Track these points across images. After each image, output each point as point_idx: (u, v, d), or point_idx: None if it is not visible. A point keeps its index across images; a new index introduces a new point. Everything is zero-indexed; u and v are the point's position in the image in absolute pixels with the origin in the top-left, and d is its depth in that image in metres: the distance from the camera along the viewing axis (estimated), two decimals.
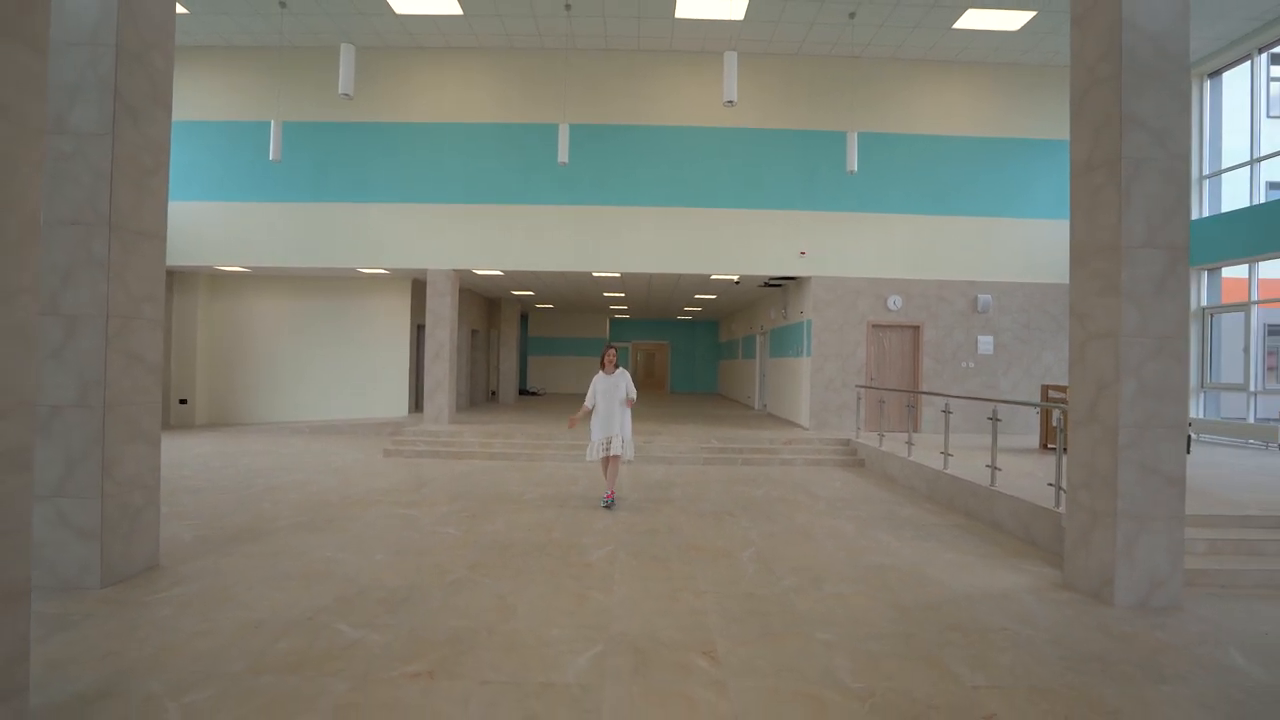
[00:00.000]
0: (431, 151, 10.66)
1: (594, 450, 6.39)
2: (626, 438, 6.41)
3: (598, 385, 6.35)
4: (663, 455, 8.96)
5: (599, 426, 6.30)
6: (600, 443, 6.33)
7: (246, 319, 12.76)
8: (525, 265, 10.68)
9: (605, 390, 6.34)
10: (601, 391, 6.32)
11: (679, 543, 4.96)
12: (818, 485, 7.49)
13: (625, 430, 6.42)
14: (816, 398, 10.54)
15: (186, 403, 12.38)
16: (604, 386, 6.35)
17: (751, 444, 9.45)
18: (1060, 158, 10.69)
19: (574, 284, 13.49)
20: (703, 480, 7.68)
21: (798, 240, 10.58)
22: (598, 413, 6.36)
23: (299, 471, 7.71)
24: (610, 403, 6.33)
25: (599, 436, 6.31)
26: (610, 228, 10.57)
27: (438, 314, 10.66)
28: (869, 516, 5.93)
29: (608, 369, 6.37)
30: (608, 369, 6.37)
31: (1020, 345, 10.71)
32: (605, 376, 6.36)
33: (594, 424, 6.36)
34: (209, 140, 10.81)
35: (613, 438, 6.33)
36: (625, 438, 6.39)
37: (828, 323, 10.61)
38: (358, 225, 10.67)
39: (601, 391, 6.32)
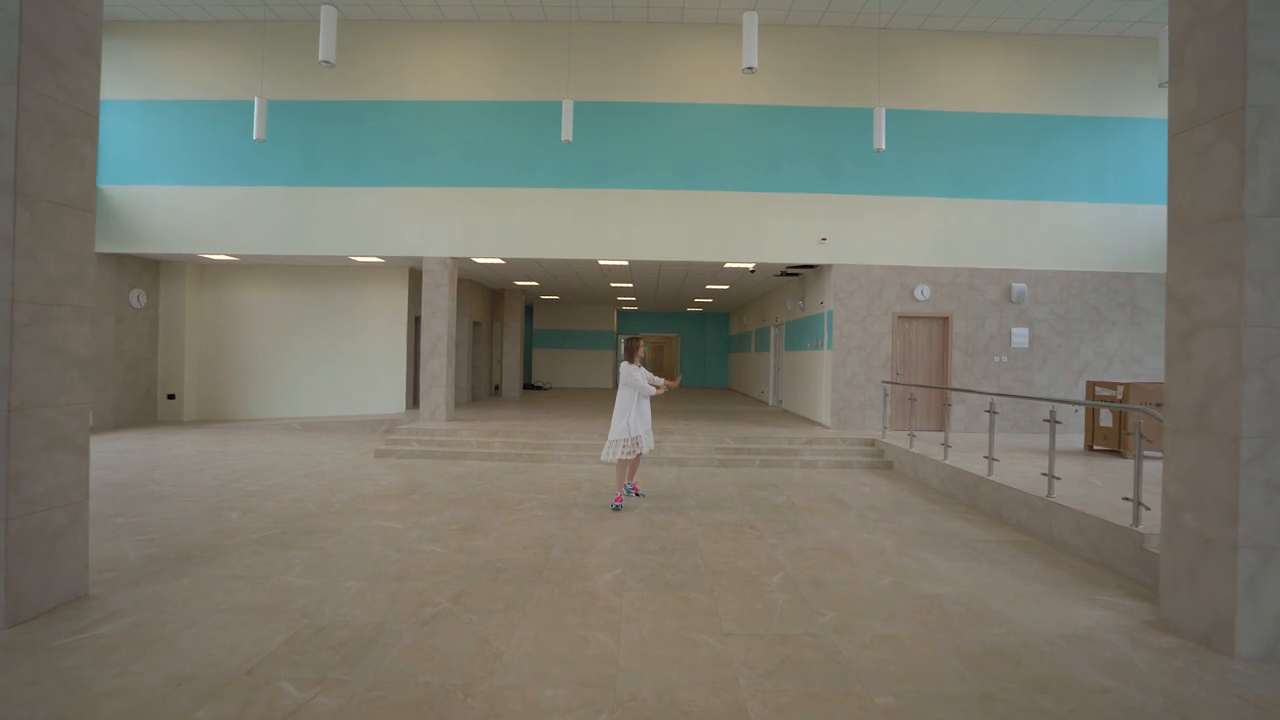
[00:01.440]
0: (427, 132, 10.01)
1: (618, 450, 5.83)
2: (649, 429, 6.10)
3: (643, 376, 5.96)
4: (675, 456, 8.32)
5: (636, 421, 5.86)
6: (629, 441, 5.84)
7: (237, 310, 12.20)
8: (527, 253, 10.04)
9: (644, 386, 5.96)
10: (641, 386, 5.95)
11: (696, 564, 4.32)
12: (845, 491, 6.83)
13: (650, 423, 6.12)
14: (838, 394, 9.85)
15: (174, 398, 11.85)
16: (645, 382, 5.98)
17: (769, 444, 8.79)
18: (1101, 135, 9.92)
19: (579, 274, 12.84)
20: (718, 485, 7.04)
21: (818, 226, 9.87)
22: (629, 410, 5.89)
23: (281, 474, 7.13)
24: (645, 398, 5.97)
25: (632, 434, 5.84)
26: (617, 213, 9.90)
27: (435, 305, 10.04)
28: (908, 530, 5.27)
29: (635, 362, 6.01)
30: (635, 362, 6.01)
31: (1057, 338, 9.97)
32: (636, 367, 5.96)
33: (628, 421, 5.85)
34: (192, 121, 10.21)
35: (643, 435, 5.94)
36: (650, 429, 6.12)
37: (850, 314, 9.91)
38: (349, 210, 10.05)
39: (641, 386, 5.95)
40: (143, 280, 11.46)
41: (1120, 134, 9.92)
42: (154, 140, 10.33)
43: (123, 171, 10.35)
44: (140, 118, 10.36)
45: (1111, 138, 9.92)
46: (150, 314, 11.66)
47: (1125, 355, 9.94)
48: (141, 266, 11.41)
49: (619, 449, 5.89)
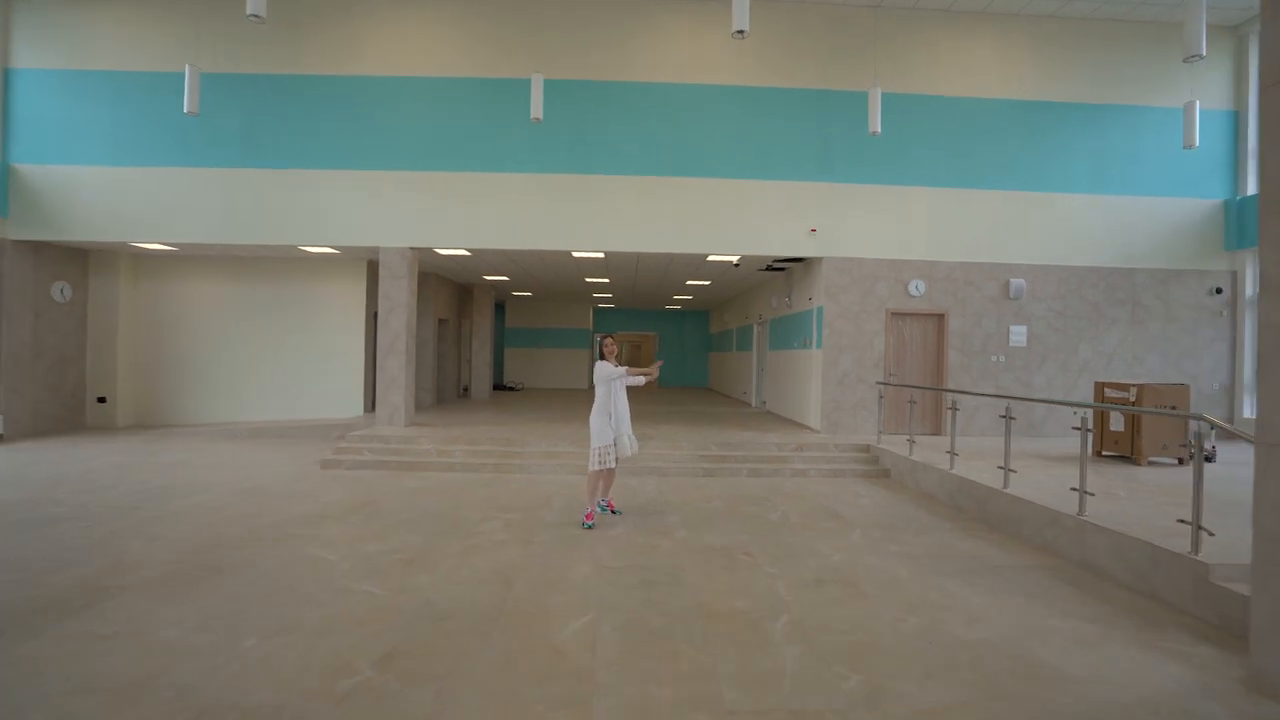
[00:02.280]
0: (385, 110, 9.15)
1: (603, 458, 5.25)
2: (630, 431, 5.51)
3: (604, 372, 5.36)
4: (656, 465, 7.62)
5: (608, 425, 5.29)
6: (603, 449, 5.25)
7: (176, 306, 11.17)
8: (494, 243, 9.24)
9: (620, 384, 5.42)
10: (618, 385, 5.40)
11: (684, 603, 3.61)
12: (843, 504, 6.19)
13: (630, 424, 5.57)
14: (829, 395, 9.25)
15: (105, 401, 10.79)
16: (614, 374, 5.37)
17: (757, 450, 8.14)
18: (1102, 124, 9.47)
19: (552, 267, 12.07)
20: (704, 498, 6.36)
21: (808, 216, 9.25)
22: (603, 411, 5.29)
23: (207, 491, 6.25)
24: (621, 397, 5.43)
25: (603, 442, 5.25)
26: (592, 200, 9.16)
27: (392, 299, 9.19)
28: (921, 553, 4.64)
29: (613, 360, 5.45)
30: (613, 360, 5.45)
31: (1056, 336, 9.50)
32: (614, 365, 5.40)
33: (607, 423, 5.29)
34: (121, 94, 9.20)
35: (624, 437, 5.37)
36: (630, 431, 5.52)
37: (842, 310, 9.31)
38: (298, 196, 9.14)
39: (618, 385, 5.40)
40: (68, 272, 10.38)
41: (1122, 122, 9.48)
42: (78, 115, 9.29)
43: (41, 149, 9.30)
44: (62, 90, 9.31)
45: (1113, 126, 9.47)
46: (78, 309, 10.58)
47: (1126, 354, 9.51)
48: (66, 256, 10.33)
49: (596, 458, 5.21)
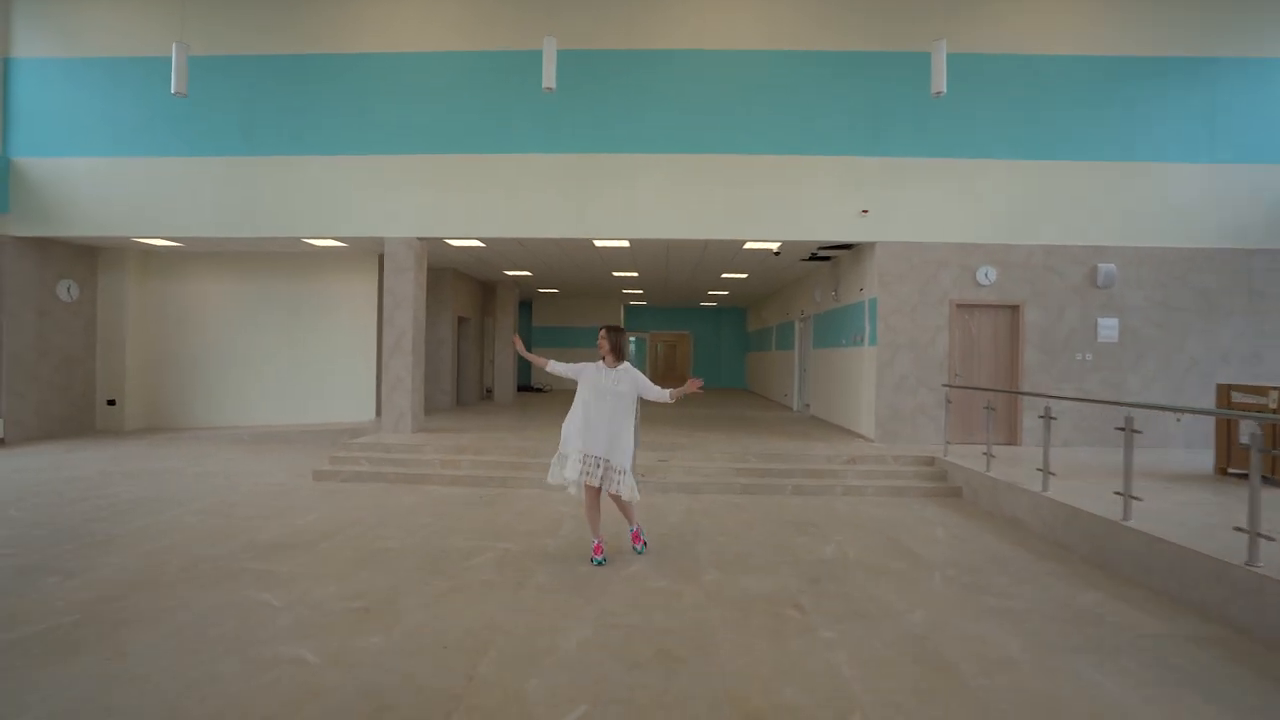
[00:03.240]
0: (388, 90, 8.40)
1: (562, 470, 4.24)
2: (623, 461, 4.19)
3: (587, 375, 4.28)
4: (685, 480, 6.63)
5: (575, 434, 4.22)
6: (574, 460, 4.18)
7: (185, 305, 10.70)
8: (507, 231, 8.39)
9: (598, 391, 4.22)
10: (593, 390, 4.22)
11: (714, 691, 2.62)
12: (911, 533, 5.09)
13: (624, 455, 4.17)
14: (884, 400, 8.09)
15: (115, 403, 10.37)
16: (597, 384, 4.22)
17: (802, 463, 7.07)
18: (1211, 80, 8.06)
19: (575, 260, 11.19)
20: (741, 523, 5.34)
21: (858, 196, 8.12)
22: (575, 417, 4.25)
23: (179, 506, 5.54)
24: (602, 410, 4.19)
25: (573, 448, 4.20)
26: (614, 182, 8.22)
27: (398, 294, 8.43)
28: (1030, 611, 3.53)
29: (608, 361, 4.28)
30: (608, 361, 4.28)
31: (1155, 330, 8.12)
32: (604, 370, 4.26)
33: (568, 428, 4.28)
34: (116, 82, 8.70)
35: (601, 462, 4.17)
36: (622, 462, 4.18)
37: (899, 302, 8.15)
38: (299, 184, 8.47)
39: (593, 390, 4.22)
40: (75, 270, 9.99)
41: (1234, 77, 8.05)
42: (75, 105, 8.83)
43: (40, 142, 8.88)
44: (61, 78, 8.87)
45: (1223, 82, 8.05)
46: (87, 308, 10.19)
47: (1244, 351, 8.07)
48: (74, 254, 9.93)
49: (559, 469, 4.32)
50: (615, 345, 4.27)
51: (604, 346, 4.28)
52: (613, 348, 4.27)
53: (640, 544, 4.46)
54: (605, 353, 4.27)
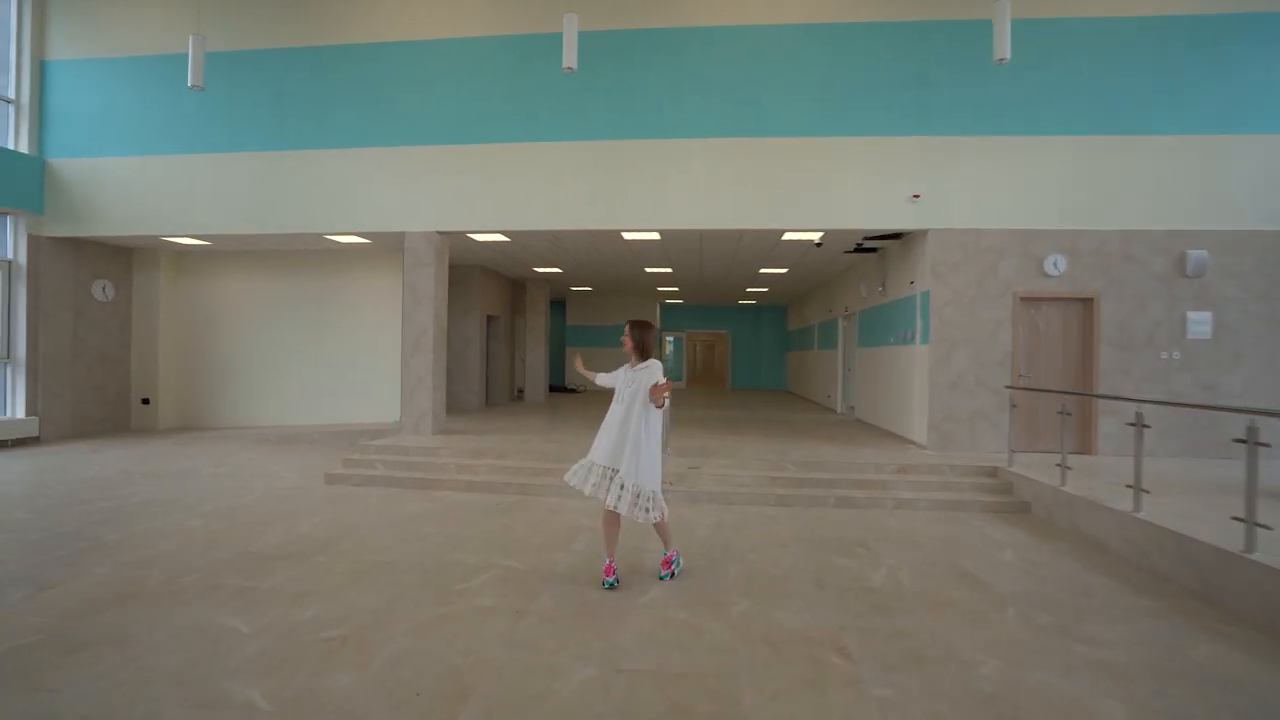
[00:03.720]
0: (407, 79, 8.12)
1: (581, 475, 3.78)
2: (643, 482, 3.64)
3: (618, 380, 3.86)
4: (716, 490, 6.08)
5: (599, 442, 3.78)
6: (594, 470, 3.73)
7: (216, 304, 10.70)
8: (530, 224, 7.99)
9: (618, 393, 3.80)
10: (616, 393, 3.81)
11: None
12: (974, 557, 4.43)
13: (641, 468, 3.65)
14: (938, 402, 7.37)
15: (149, 402, 10.44)
16: (620, 387, 3.82)
17: (846, 471, 6.43)
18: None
19: (605, 256, 10.75)
20: (777, 540, 4.77)
21: (907, 179, 7.42)
22: (607, 421, 3.78)
23: (179, 511, 5.30)
24: (615, 414, 3.74)
25: (597, 459, 3.75)
26: (643, 170, 7.73)
27: (418, 290, 8.13)
28: (1136, 666, 2.87)
29: (633, 360, 3.82)
30: (633, 360, 3.82)
31: (1257, 326, 7.16)
32: (630, 370, 3.81)
33: (599, 434, 3.81)
34: (142, 80, 8.66)
35: (609, 473, 3.69)
36: (639, 482, 3.64)
37: (954, 294, 7.41)
38: (319, 178, 8.27)
39: (616, 393, 3.81)
40: (111, 270, 10.07)
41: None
42: (105, 105, 8.85)
43: (73, 143, 8.93)
44: (92, 78, 8.91)
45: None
46: (122, 308, 10.27)
47: None
48: (110, 254, 10.02)
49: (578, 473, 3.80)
50: (639, 342, 3.77)
51: (627, 344, 3.80)
52: (635, 345, 3.77)
53: (667, 571, 3.91)
54: (628, 350, 3.80)
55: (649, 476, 3.64)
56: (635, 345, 3.77)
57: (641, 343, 3.78)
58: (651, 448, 3.67)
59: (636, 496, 3.61)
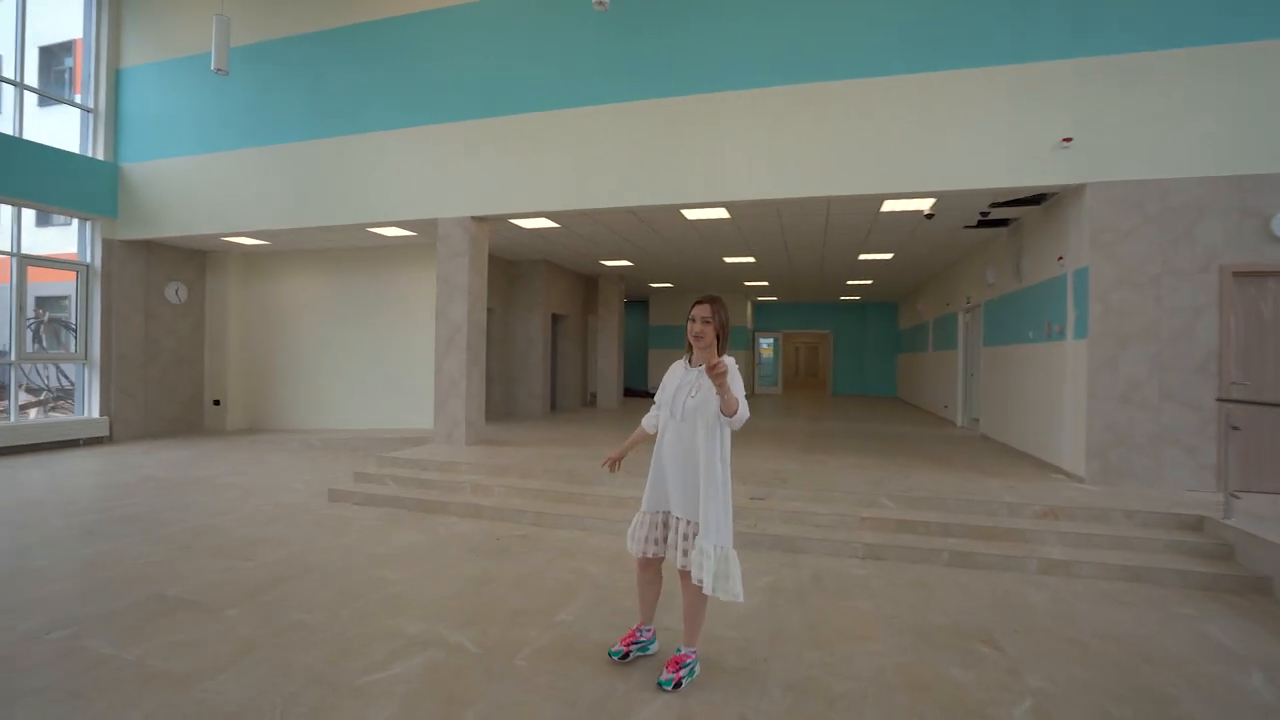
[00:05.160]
0: (439, 50, 7.30)
1: (636, 534, 2.64)
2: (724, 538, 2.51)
3: (666, 391, 2.60)
4: (782, 531, 4.60)
5: (659, 484, 2.61)
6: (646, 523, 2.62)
7: (279, 306, 10.55)
8: (572, 203, 6.87)
9: (671, 406, 2.56)
10: (668, 403, 2.57)
11: None
12: (1194, 688, 2.68)
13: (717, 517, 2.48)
14: (1101, 418, 5.39)
15: (219, 404, 10.47)
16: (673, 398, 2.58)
17: (967, 512, 4.71)
18: None
19: (672, 243, 9.45)
20: (856, 625, 3.25)
21: (1050, 119, 5.52)
22: (663, 451, 2.59)
23: (162, 526, 4.64)
24: (669, 439, 2.55)
25: (648, 507, 2.62)
26: (699, 130, 6.37)
27: (451, 283, 7.28)
28: None
29: (696, 354, 2.55)
30: (696, 354, 2.55)
31: None
32: (684, 370, 2.58)
33: (655, 472, 2.63)
34: (196, 79, 8.51)
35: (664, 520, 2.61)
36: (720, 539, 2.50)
37: (1126, 271, 5.40)
38: (351, 167, 7.66)
39: (668, 403, 2.57)
40: (185, 273, 10.18)
41: None
42: (168, 106, 8.83)
43: (141, 147, 9.00)
44: (157, 82, 8.92)
45: None
46: (195, 310, 10.37)
47: None
48: (183, 258, 10.12)
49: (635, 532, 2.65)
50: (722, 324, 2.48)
51: (698, 331, 2.48)
52: (719, 328, 2.47)
53: (672, 677, 2.56)
54: (698, 339, 2.49)
55: (727, 527, 2.46)
56: (718, 329, 2.47)
57: (724, 329, 2.48)
58: (726, 485, 2.48)
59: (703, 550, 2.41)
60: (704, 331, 2.44)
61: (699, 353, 2.50)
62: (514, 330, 11.17)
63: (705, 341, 2.45)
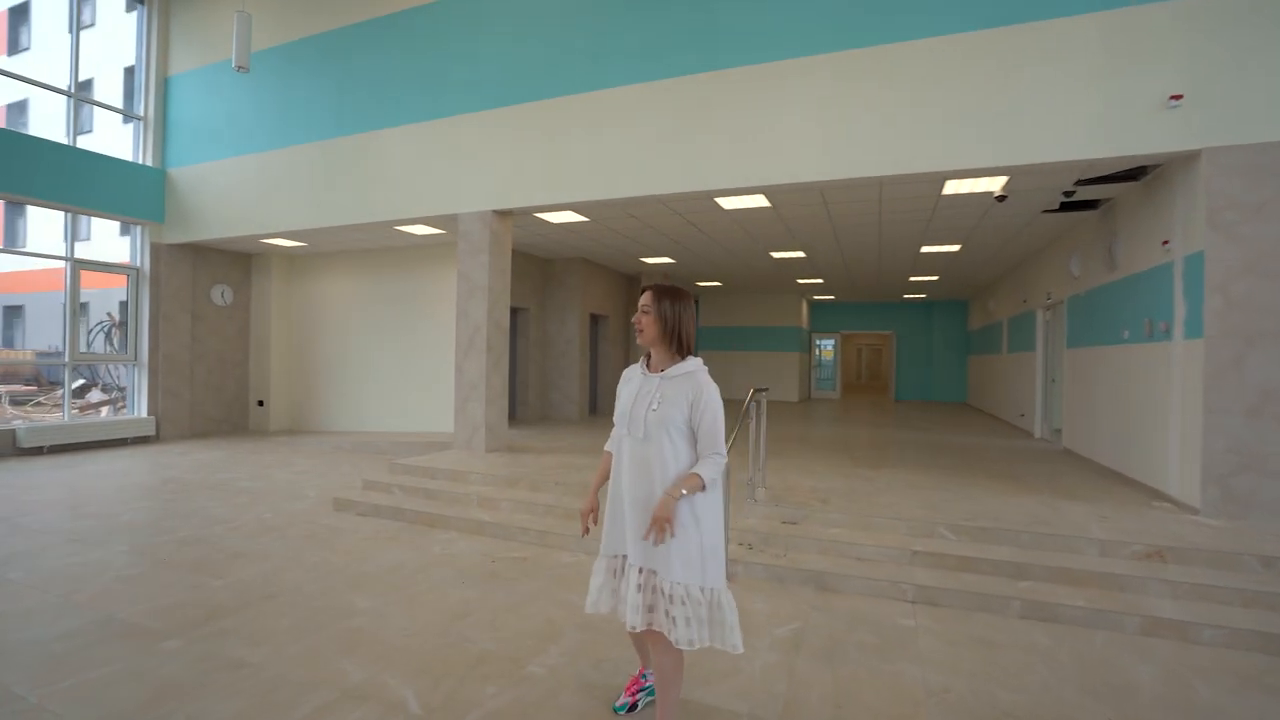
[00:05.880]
0: (461, 36, 6.96)
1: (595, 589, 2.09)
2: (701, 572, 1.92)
3: (621, 401, 2.02)
4: (817, 564, 3.93)
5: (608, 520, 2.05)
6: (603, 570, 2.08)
7: (318, 307, 10.56)
8: (597, 193, 6.36)
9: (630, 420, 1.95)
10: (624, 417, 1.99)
11: None
12: None
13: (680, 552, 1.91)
14: (1224, 435, 4.41)
15: (263, 404, 10.57)
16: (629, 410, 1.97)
17: (1046, 549, 3.88)
18: None
19: (713, 237, 8.81)
20: (902, 700, 2.56)
21: (1150, 74, 4.58)
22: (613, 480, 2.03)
23: (156, 535, 4.44)
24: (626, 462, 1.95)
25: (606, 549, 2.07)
26: (734, 110, 5.74)
27: (472, 280, 6.91)
28: None
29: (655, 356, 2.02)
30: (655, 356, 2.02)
31: None
32: (642, 376, 1.99)
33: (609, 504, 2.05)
34: (237, 81, 8.55)
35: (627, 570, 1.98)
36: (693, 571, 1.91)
37: (1252, 258, 4.40)
38: (377, 162, 7.44)
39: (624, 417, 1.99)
40: (231, 276, 10.33)
41: None
42: (207, 111, 8.93)
43: (185, 152, 9.15)
44: (198, 88, 9.05)
45: None
46: (240, 312, 10.52)
47: None
48: (229, 260, 10.28)
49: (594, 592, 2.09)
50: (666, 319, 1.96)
51: (643, 325, 1.99)
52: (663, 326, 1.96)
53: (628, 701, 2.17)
54: (644, 335, 1.99)
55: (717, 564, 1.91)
56: (663, 327, 1.95)
57: (674, 322, 1.95)
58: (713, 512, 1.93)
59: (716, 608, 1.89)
60: (643, 324, 1.97)
61: (656, 355, 2.01)
62: (551, 331, 10.80)
63: (646, 336, 1.98)
